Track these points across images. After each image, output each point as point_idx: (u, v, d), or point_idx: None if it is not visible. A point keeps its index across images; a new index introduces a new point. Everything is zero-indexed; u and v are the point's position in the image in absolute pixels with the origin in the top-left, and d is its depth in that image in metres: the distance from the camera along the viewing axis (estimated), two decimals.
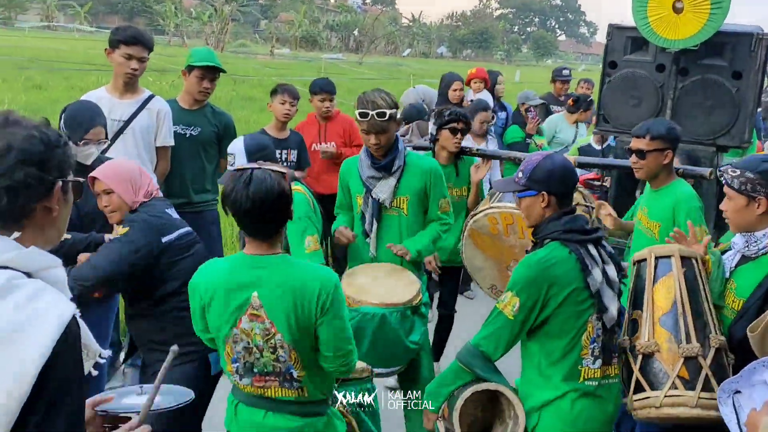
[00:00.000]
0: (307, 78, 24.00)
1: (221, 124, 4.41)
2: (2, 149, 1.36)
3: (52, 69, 19.91)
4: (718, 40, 4.39)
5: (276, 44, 51.89)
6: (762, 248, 2.51)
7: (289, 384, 2.26)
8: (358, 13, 78.79)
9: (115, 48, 3.87)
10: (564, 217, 2.45)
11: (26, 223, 1.41)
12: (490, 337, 2.45)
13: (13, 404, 1.26)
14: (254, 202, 2.11)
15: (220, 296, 2.22)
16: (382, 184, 3.27)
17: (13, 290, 1.31)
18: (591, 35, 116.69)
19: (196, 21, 54.83)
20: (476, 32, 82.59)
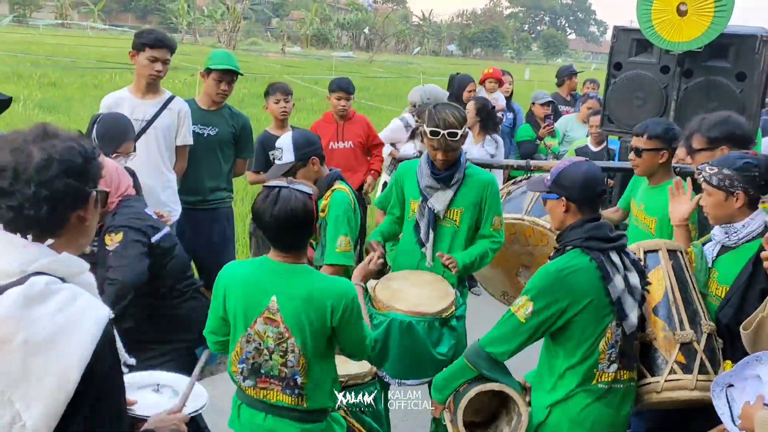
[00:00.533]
0: (318, 76, 24.15)
1: (238, 124, 4.55)
2: (44, 161, 1.41)
3: (67, 67, 20.13)
4: (721, 42, 4.46)
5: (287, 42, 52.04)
6: (742, 238, 2.67)
7: (291, 391, 2.36)
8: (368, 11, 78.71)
9: (140, 51, 4.00)
10: (587, 225, 2.47)
11: (61, 231, 1.48)
12: (499, 340, 2.49)
13: (59, 403, 1.33)
14: (278, 220, 2.26)
15: (241, 295, 2.35)
16: (439, 194, 3.28)
17: (51, 295, 1.38)
18: (601, 34, 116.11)
19: (208, 19, 54.99)
20: (486, 31, 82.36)
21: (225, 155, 4.54)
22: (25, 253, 1.42)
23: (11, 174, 1.40)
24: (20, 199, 1.40)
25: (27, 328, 1.33)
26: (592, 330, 2.43)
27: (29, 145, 1.43)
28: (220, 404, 3.30)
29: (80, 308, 1.40)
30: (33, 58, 20.96)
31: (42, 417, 1.32)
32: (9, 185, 1.40)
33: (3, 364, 1.32)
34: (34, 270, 1.41)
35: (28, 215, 1.41)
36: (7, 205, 1.41)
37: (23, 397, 1.32)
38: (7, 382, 1.32)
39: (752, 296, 2.59)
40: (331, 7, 77.01)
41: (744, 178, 2.60)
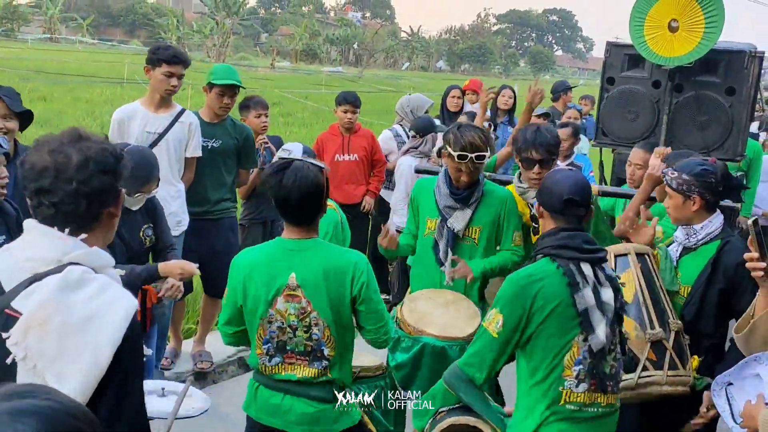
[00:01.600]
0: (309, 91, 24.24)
1: (241, 136, 4.63)
2: (82, 161, 1.53)
3: (57, 81, 20.10)
4: (712, 57, 4.57)
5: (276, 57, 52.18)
6: (700, 240, 2.86)
7: (318, 362, 2.42)
8: (357, 26, 79.20)
9: (156, 66, 4.09)
10: (561, 233, 2.37)
11: (94, 226, 1.60)
12: (474, 359, 2.37)
13: (92, 380, 1.43)
14: (291, 191, 2.33)
15: (259, 277, 2.41)
16: (458, 214, 3.28)
17: (86, 283, 1.49)
18: (587, 50, 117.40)
19: (197, 34, 55.14)
20: (474, 47, 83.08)
21: (228, 166, 4.61)
22: (62, 245, 1.53)
23: (53, 173, 1.52)
24: (61, 195, 1.52)
25: (64, 311, 1.43)
26: (556, 341, 2.29)
27: (66, 147, 1.55)
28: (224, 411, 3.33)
29: (112, 296, 1.50)
30: (22, 73, 20.90)
31: (74, 394, 1.40)
32: (50, 183, 1.52)
33: (40, 344, 1.42)
34: (69, 260, 1.52)
35: (68, 211, 1.53)
36: (50, 202, 1.52)
37: (57, 375, 1.42)
38: (43, 360, 1.42)
39: (711, 295, 2.79)
40: (320, 22, 77.40)
41: (700, 183, 2.78)
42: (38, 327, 1.42)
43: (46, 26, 60.11)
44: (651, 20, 4.50)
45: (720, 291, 2.78)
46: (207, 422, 3.58)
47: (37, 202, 1.55)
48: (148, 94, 4.22)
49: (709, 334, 2.83)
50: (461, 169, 3.20)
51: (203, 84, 4.53)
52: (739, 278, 2.70)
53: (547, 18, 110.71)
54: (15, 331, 1.42)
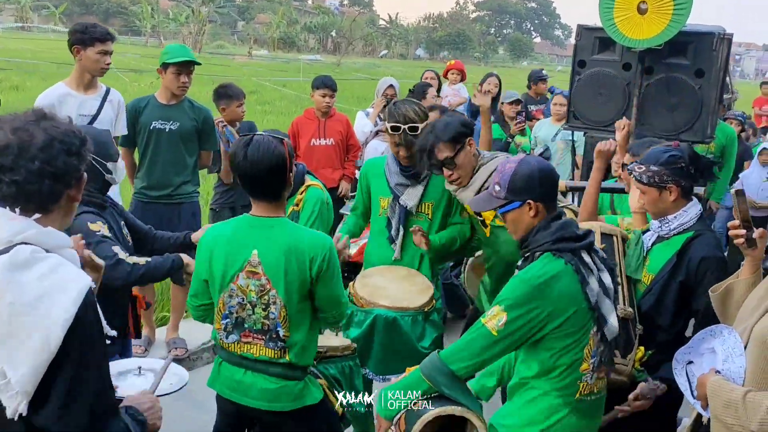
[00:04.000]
0: (287, 79, 24.08)
1: (200, 117, 4.57)
2: (47, 140, 1.52)
3: (29, 70, 19.77)
4: (681, 39, 4.59)
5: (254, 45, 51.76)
6: (673, 229, 2.73)
7: (273, 344, 2.41)
8: (335, 14, 78.77)
9: (88, 45, 3.97)
10: (553, 225, 2.25)
11: (52, 207, 1.58)
12: (463, 353, 2.23)
13: (42, 361, 1.41)
14: (252, 163, 2.31)
15: (222, 252, 2.40)
16: (409, 191, 3.29)
17: (36, 262, 1.47)
18: (566, 38, 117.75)
19: (173, 22, 54.46)
20: (453, 34, 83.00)
21: (189, 149, 4.56)
22: (12, 225, 1.51)
23: (15, 151, 1.50)
24: (24, 174, 1.50)
25: (13, 291, 1.42)
26: (576, 339, 2.21)
27: (31, 126, 1.53)
28: (199, 398, 3.31)
29: (63, 275, 1.49)
30: None
31: (26, 374, 1.40)
32: (12, 161, 1.50)
33: None
34: (20, 240, 1.50)
35: (31, 190, 1.52)
36: (11, 179, 1.50)
37: (8, 356, 1.40)
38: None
39: (672, 287, 2.68)
40: (297, 10, 76.84)
41: (672, 171, 2.65)
42: None
43: (17, 15, 59.01)
44: (620, 3, 4.51)
45: (680, 284, 2.66)
46: (182, 408, 3.58)
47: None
48: (74, 75, 4.08)
49: (664, 329, 2.72)
50: (396, 141, 3.21)
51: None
52: (701, 274, 2.61)
53: (525, 5, 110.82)
54: None
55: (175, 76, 4.37)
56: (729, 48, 4.75)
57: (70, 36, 4.03)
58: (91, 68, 4.03)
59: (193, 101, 4.66)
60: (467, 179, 3.12)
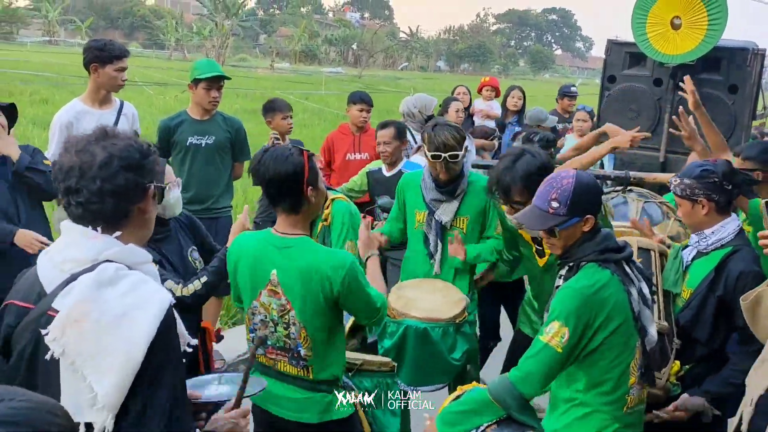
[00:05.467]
0: (309, 92, 24.26)
1: (233, 129, 4.62)
2: (106, 159, 1.54)
3: (57, 83, 20.11)
4: (714, 55, 4.56)
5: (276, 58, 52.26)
6: (711, 244, 2.74)
7: (296, 362, 2.41)
8: (356, 27, 79.33)
9: (106, 63, 4.01)
10: (597, 236, 2.26)
11: (125, 223, 1.60)
12: (533, 377, 2.20)
13: (127, 376, 1.43)
14: (268, 168, 2.32)
15: (246, 267, 2.41)
16: (444, 206, 3.34)
17: (119, 279, 1.49)
18: (587, 50, 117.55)
19: (196, 36, 55.20)
20: (473, 46, 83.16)
21: (224, 162, 4.60)
22: (95, 244, 1.54)
23: (78, 173, 1.54)
24: (87, 194, 1.53)
25: (99, 309, 1.45)
26: (624, 351, 2.22)
27: (92, 146, 1.56)
28: None
29: (146, 292, 1.51)
30: (22, 75, 20.93)
31: (112, 389, 1.43)
32: (76, 183, 1.54)
33: (78, 341, 1.43)
34: (103, 259, 1.53)
35: (95, 209, 1.55)
36: (77, 201, 1.54)
37: (95, 371, 1.43)
38: (81, 357, 1.43)
39: (710, 302, 2.68)
40: (319, 23, 77.52)
41: (704, 185, 2.68)
42: (74, 324, 1.44)
43: (45, 29, 60.20)
44: (653, 17, 4.49)
45: (719, 299, 2.66)
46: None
47: (67, 202, 1.57)
48: (90, 92, 4.12)
49: (703, 343, 2.71)
50: (436, 167, 3.27)
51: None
52: (739, 289, 2.57)
53: (546, 17, 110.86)
54: (53, 329, 1.45)
55: (205, 91, 4.42)
56: (762, 63, 4.70)
57: (87, 53, 4.06)
58: (108, 84, 4.08)
59: (225, 114, 4.72)
60: None
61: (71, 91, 18.60)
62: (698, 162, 2.86)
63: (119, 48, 4.08)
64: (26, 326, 1.54)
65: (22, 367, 1.54)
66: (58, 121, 3.99)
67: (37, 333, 1.50)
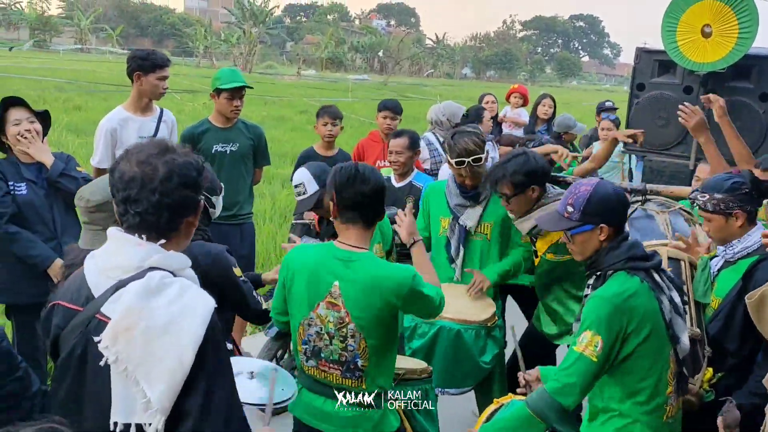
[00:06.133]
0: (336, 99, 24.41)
1: (255, 135, 4.72)
2: (167, 174, 1.61)
3: (90, 90, 20.51)
4: (745, 63, 4.52)
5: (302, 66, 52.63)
6: (737, 253, 2.77)
7: (351, 374, 2.43)
8: (382, 34, 79.60)
9: (149, 72, 4.13)
10: (623, 245, 2.30)
11: (173, 234, 1.67)
12: (571, 388, 2.22)
13: (177, 380, 1.51)
14: (369, 185, 2.38)
15: (305, 278, 2.43)
16: (469, 212, 3.39)
17: (165, 287, 1.56)
18: (614, 56, 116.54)
19: (224, 43, 55.84)
20: (500, 53, 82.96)
21: (247, 168, 4.71)
22: (140, 251, 1.61)
23: (139, 183, 1.60)
24: (146, 205, 1.60)
25: (147, 316, 1.51)
26: (654, 360, 2.25)
27: (153, 159, 1.62)
28: None
29: (190, 298, 1.57)
30: (56, 83, 21.39)
31: (163, 393, 1.50)
32: (136, 193, 1.60)
33: (128, 348, 1.51)
34: (148, 265, 1.59)
35: (151, 220, 1.61)
36: (135, 211, 1.60)
37: (146, 376, 1.50)
38: (132, 364, 1.50)
39: (739, 311, 2.66)
40: (345, 30, 77.96)
41: (738, 197, 2.70)
42: (125, 332, 1.50)
43: (77, 37, 61.38)
44: (684, 25, 4.48)
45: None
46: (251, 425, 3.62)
47: (123, 210, 1.62)
48: (133, 100, 4.22)
49: (733, 352, 2.71)
50: (462, 173, 3.33)
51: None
52: None
53: (573, 24, 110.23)
54: (105, 336, 1.52)
55: (228, 100, 4.50)
56: None
57: (131, 62, 4.18)
58: (151, 93, 4.20)
59: (246, 121, 4.81)
60: (519, 213, 3.23)
61: (104, 98, 18.97)
62: (722, 175, 2.86)
63: (161, 57, 4.20)
64: (74, 328, 1.62)
65: (72, 366, 1.62)
66: (103, 127, 4.11)
67: (86, 335, 1.58)
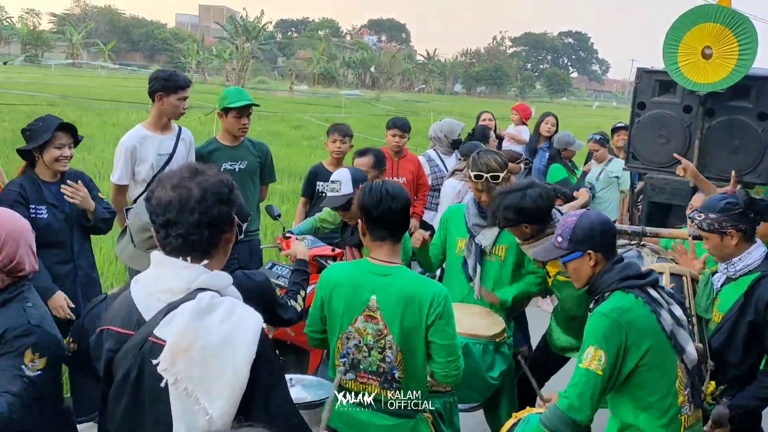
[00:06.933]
0: (329, 114, 24.52)
1: (262, 153, 4.79)
2: (202, 193, 1.67)
3: (83, 105, 20.49)
4: (743, 83, 4.62)
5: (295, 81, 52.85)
6: (739, 270, 2.89)
7: (389, 385, 2.50)
8: (373, 50, 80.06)
9: (171, 93, 4.22)
10: (616, 267, 2.45)
11: (214, 252, 1.73)
12: (581, 403, 2.33)
13: (236, 395, 1.57)
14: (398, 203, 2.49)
15: (342, 294, 2.51)
16: (485, 232, 3.48)
17: (215, 307, 1.62)
18: (603, 72, 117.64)
19: (216, 58, 56.00)
20: (490, 69, 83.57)
21: (255, 185, 4.76)
22: (188, 273, 1.66)
23: (177, 206, 1.66)
24: (186, 226, 1.66)
25: (203, 336, 1.57)
26: (660, 373, 2.37)
27: (187, 182, 1.69)
28: None
29: (240, 315, 1.63)
30: (49, 98, 21.36)
31: (224, 408, 1.55)
32: (176, 216, 1.66)
33: (188, 368, 1.56)
34: (196, 287, 1.65)
35: (194, 240, 1.68)
36: (177, 233, 1.67)
37: (206, 394, 1.56)
38: (192, 383, 1.56)
39: (741, 326, 2.80)
40: (336, 46, 78.35)
41: (730, 216, 2.83)
42: (183, 353, 1.56)
43: (68, 52, 61.36)
44: (684, 47, 4.58)
45: (750, 323, 2.78)
46: None
47: (165, 234, 1.68)
48: (153, 119, 4.31)
49: (735, 365, 2.82)
50: (479, 188, 3.48)
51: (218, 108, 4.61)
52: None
53: (562, 40, 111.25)
54: (163, 358, 1.57)
55: (236, 119, 4.55)
56: None
57: (153, 83, 4.25)
58: (171, 113, 4.28)
59: (252, 139, 4.87)
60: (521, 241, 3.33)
61: (98, 113, 18.95)
62: (718, 196, 3.01)
63: (183, 79, 4.28)
64: (128, 351, 1.66)
65: (128, 388, 1.66)
66: (123, 145, 4.18)
67: (141, 357, 1.63)
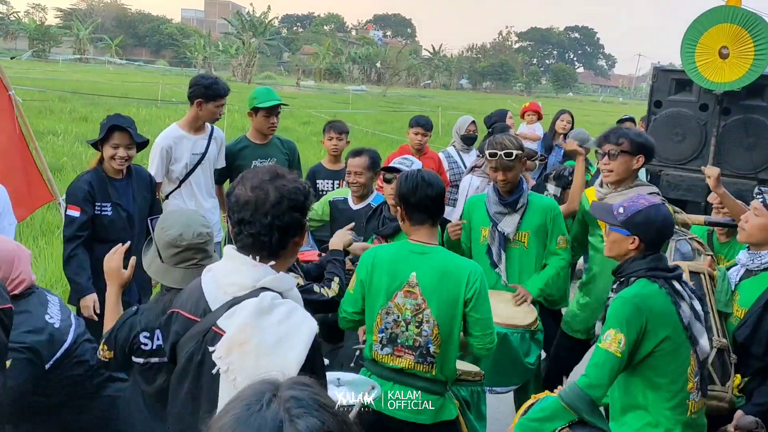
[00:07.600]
0: (337, 110, 24.58)
1: (290, 150, 4.90)
2: (278, 198, 1.74)
3: (93, 101, 20.60)
4: (759, 82, 4.71)
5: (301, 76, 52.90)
6: (764, 263, 2.91)
7: (423, 359, 2.62)
8: (379, 45, 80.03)
9: (210, 100, 4.34)
10: (648, 256, 2.54)
11: (282, 254, 1.80)
12: (600, 382, 2.43)
13: None
14: (434, 189, 2.65)
15: (384, 272, 2.65)
16: (507, 219, 3.59)
17: (275, 307, 1.70)
18: (609, 68, 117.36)
19: (223, 54, 56.06)
20: (496, 64, 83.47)
21: None
22: (255, 272, 1.75)
23: (253, 207, 1.74)
24: (258, 227, 1.73)
25: (259, 334, 1.65)
26: (673, 358, 2.46)
27: (266, 184, 1.76)
28: None
29: (297, 320, 1.71)
30: (59, 94, 21.47)
31: None
32: (250, 216, 1.73)
33: (241, 361, 1.64)
34: (261, 285, 1.73)
35: (263, 241, 1.75)
36: (249, 232, 1.74)
37: None
38: (242, 376, 1.63)
39: (766, 320, 2.83)
40: (342, 41, 78.30)
41: None
42: (239, 346, 1.64)
43: (75, 47, 61.51)
44: (702, 47, 4.66)
45: None
46: None
47: (238, 231, 1.76)
48: (189, 120, 4.43)
49: (759, 357, 2.85)
50: (494, 166, 3.53)
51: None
52: None
53: (568, 35, 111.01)
54: (219, 347, 1.65)
55: (265, 118, 4.66)
56: None
57: (194, 89, 4.36)
58: (208, 118, 4.43)
59: (279, 136, 4.97)
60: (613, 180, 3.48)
61: (107, 109, 19.03)
62: None
63: (224, 87, 4.40)
64: (192, 337, 1.76)
65: (191, 370, 1.76)
66: (159, 145, 4.31)
67: (203, 345, 1.72)
